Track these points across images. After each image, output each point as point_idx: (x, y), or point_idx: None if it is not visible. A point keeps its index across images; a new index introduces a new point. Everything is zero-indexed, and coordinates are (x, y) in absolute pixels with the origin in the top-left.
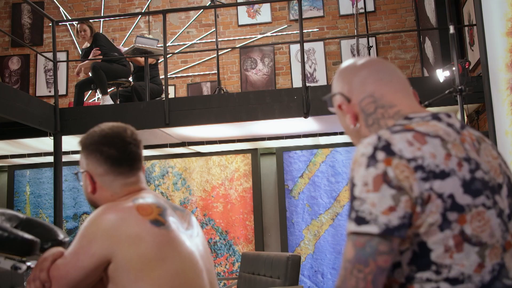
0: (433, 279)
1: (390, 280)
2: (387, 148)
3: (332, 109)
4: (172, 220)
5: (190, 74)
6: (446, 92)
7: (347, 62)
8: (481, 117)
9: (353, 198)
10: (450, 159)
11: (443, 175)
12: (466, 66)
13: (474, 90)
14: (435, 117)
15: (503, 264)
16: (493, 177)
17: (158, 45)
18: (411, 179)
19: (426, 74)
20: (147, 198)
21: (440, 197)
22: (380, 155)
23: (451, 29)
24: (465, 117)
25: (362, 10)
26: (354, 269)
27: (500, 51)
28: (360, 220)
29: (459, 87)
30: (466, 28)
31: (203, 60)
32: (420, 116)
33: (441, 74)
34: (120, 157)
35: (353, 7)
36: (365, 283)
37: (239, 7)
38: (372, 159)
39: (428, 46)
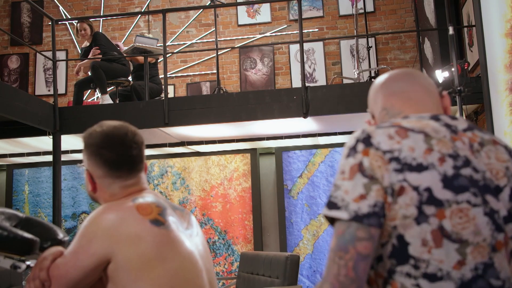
0: (412, 274)
1: (375, 274)
2: (367, 140)
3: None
4: (172, 220)
5: (190, 73)
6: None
7: (375, 81)
8: (480, 117)
9: (333, 185)
10: (430, 153)
11: (420, 168)
12: (465, 67)
13: (473, 91)
14: (434, 118)
15: (491, 264)
16: (488, 178)
17: (157, 45)
18: (382, 169)
19: (425, 74)
20: (147, 197)
21: (415, 189)
22: (360, 146)
23: (450, 30)
24: (464, 118)
25: (362, 11)
26: (336, 256)
27: (499, 52)
28: (331, 205)
29: (458, 88)
30: (465, 29)
31: (202, 60)
32: (419, 116)
33: (440, 75)
34: (119, 161)
35: (352, 7)
36: (346, 270)
37: (238, 7)
38: (352, 150)
39: (427, 47)
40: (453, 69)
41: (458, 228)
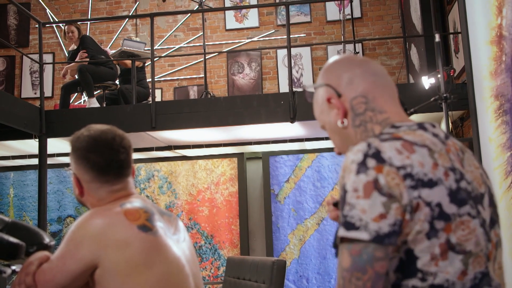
0: (418, 286)
1: None
2: (378, 156)
3: (314, 100)
4: (160, 225)
5: (177, 77)
6: (431, 100)
7: (338, 56)
8: (466, 123)
9: (344, 204)
10: (437, 168)
11: (431, 183)
12: (451, 74)
13: (459, 97)
14: (421, 126)
15: (487, 272)
16: (475, 187)
17: (145, 48)
18: (401, 186)
19: (411, 80)
20: (134, 202)
21: (428, 205)
22: (371, 162)
23: (437, 38)
24: (450, 124)
25: (349, 16)
26: (353, 277)
27: (484, 59)
28: (349, 226)
29: (444, 95)
30: (451, 36)
31: (190, 64)
32: (406, 125)
33: (427, 81)
34: (107, 165)
35: (340, 13)
36: None
37: (226, 12)
38: (362, 166)
39: (413, 53)
40: (439, 75)
41: (461, 240)
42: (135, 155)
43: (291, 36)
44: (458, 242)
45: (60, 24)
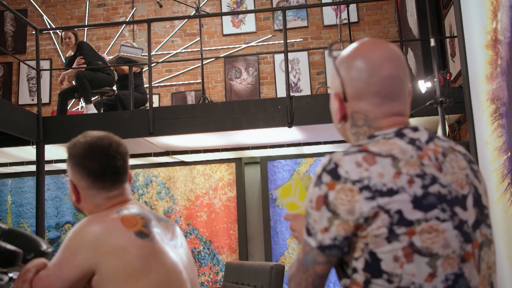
0: (386, 287)
1: (351, 282)
2: (334, 172)
3: (330, 74)
4: (157, 231)
5: (175, 83)
6: (427, 104)
7: (366, 45)
8: (463, 127)
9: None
10: (399, 177)
11: (390, 192)
12: (448, 78)
13: (455, 101)
14: (398, 133)
15: (462, 274)
16: (454, 190)
17: (142, 54)
18: (355, 199)
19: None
20: (131, 209)
21: (387, 212)
22: (326, 178)
23: (432, 42)
24: (447, 127)
25: (346, 21)
26: (300, 269)
27: (480, 63)
28: (307, 231)
29: (440, 99)
30: (448, 40)
31: (187, 69)
32: (383, 133)
33: (423, 85)
34: (103, 172)
35: (337, 17)
36: (306, 283)
37: (223, 17)
38: (318, 180)
39: (410, 57)
40: (435, 79)
41: (428, 243)
42: (133, 161)
43: (288, 40)
44: (424, 245)
45: (57, 31)
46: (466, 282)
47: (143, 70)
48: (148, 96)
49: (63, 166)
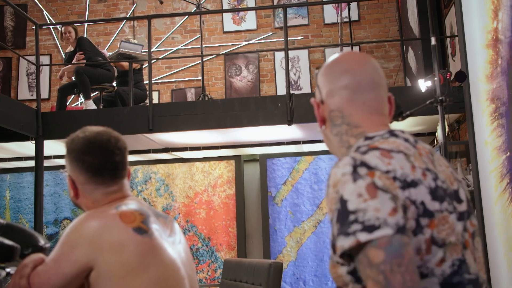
0: None
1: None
2: (365, 164)
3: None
4: (155, 228)
5: (175, 80)
6: (427, 103)
7: (335, 57)
8: (462, 126)
9: (348, 213)
10: (415, 170)
11: (414, 184)
12: (448, 77)
13: (455, 100)
14: (392, 134)
15: (464, 260)
16: (449, 185)
17: (142, 50)
18: (394, 186)
19: (409, 83)
20: (130, 205)
21: (413, 203)
22: (362, 170)
23: (433, 41)
24: (446, 127)
25: (347, 19)
26: (393, 265)
27: (480, 62)
28: (371, 228)
29: (440, 98)
30: (448, 39)
31: (187, 66)
32: (379, 134)
33: (423, 84)
34: (102, 167)
35: (337, 16)
36: (410, 274)
37: (224, 14)
38: (356, 174)
39: (411, 56)
40: (435, 78)
41: (443, 234)
42: (132, 157)
43: (288, 38)
44: (440, 237)
45: (57, 26)
46: (468, 268)
47: (143, 66)
48: (148, 92)
49: (62, 161)
